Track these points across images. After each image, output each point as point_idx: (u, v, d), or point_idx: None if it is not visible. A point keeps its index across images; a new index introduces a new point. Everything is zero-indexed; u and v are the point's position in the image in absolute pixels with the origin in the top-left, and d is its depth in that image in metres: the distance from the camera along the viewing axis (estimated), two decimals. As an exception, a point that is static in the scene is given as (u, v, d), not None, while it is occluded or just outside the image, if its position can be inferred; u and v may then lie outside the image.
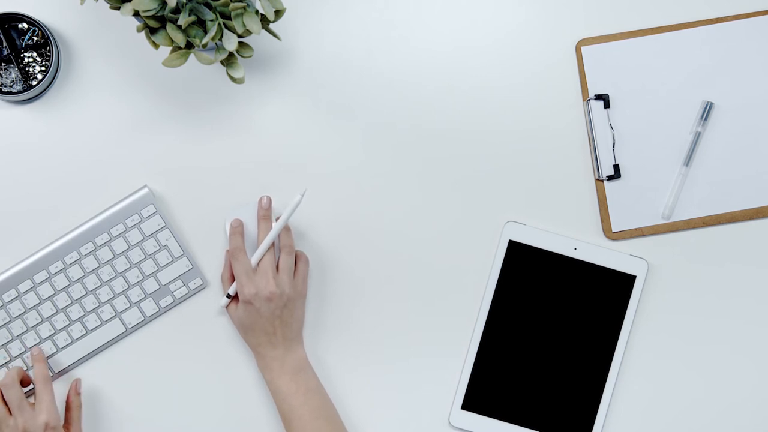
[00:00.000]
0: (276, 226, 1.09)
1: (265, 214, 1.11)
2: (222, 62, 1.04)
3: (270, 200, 1.12)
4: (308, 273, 1.14)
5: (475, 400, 1.15)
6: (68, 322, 1.14)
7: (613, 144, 1.16)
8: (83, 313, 1.14)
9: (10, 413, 1.08)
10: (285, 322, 1.10)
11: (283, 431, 1.14)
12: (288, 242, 1.11)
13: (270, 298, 1.08)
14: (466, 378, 1.15)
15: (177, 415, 1.15)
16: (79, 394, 1.12)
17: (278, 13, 1.04)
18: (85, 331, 1.14)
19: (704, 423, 1.15)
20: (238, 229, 1.11)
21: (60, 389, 1.15)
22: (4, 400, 1.08)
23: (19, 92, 1.13)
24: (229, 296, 1.12)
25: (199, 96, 1.17)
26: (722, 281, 1.16)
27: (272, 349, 1.10)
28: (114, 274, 1.14)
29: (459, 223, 1.16)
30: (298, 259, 1.13)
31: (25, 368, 1.13)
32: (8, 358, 1.13)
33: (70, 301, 1.14)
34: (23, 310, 1.13)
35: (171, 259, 1.15)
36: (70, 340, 1.14)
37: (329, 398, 1.12)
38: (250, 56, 1.04)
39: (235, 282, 1.11)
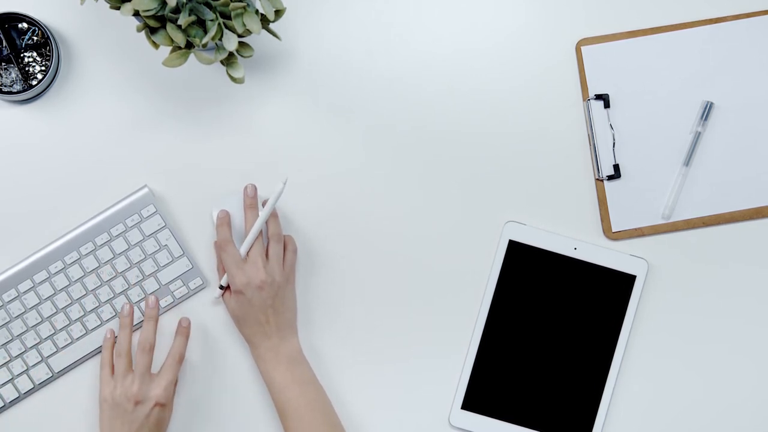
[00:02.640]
0: (262, 216, 1.10)
1: (251, 202, 1.12)
2: (222, 62, 1.04)
3: (255, 188, 1.12)
4: (296, 261, 1.14)
5: (475, 400, 1.15)
6: (68, 322, 1.14)
7: (613, 144, 1.16)
8: (83, 313, 1.14)
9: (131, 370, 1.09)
10: (277, 310, 1.10)
11: (279, 425, 1.14)
12: (276, 230, 1.11)
13: (261, 287, 1.08)
14: (466, 378, 1.15)
15: (176, 413, 1.15)
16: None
17: (278, 13, 1.04)
18: (84, 331, 1.14)
19: (704, 423, 1.15)
20: (224, 220, 1.11)
21: (61, 390, 1.15)
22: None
23: (19, 92, 1.13)
24: (222, 287, 1.12)
25: (199, 96, 1.17)
26: (722, 281, 1.16)
27: (266, 339, 1.10)
28: (114, 274, 1.14)
29: (459, 223, 1.16)
30: (285, 247, 1.13)
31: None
32: (8, 358, 1.13)
33: (70, 301, 1.14)
34: (23, 310, 1.13)
35: (171, 259, 1.15)
36: (70, 340, 1.14)
37: (324, 390, 1.12)
38: (250, 56, 1.05)
39: (226, 273, 1.12)
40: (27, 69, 1.15)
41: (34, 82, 1.15)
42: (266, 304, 1.09)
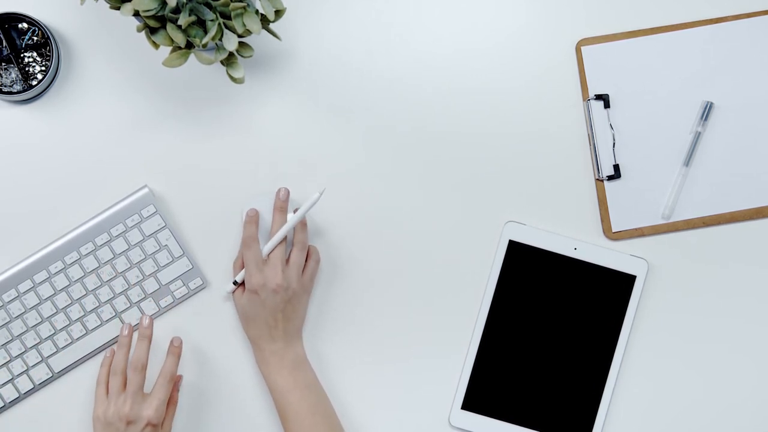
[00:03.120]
0: (291, 220, 1.10)
1: (282, 205, 1.11)
2: (222, 62, 1.04)
3: (288, 192, 1.12)
4: (317, 272, 1.14)
5: (475, 400, 1.15)
6: (68, 322, 1.14)
7: (613, 144, 1.16)
8: (83, 313, 1.14)
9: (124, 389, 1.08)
10: (287, 316, 1.10)
11: (280, 428, 1.14)
12: (302, 238, 1.11)
13: (276, 291, 1.08)
14: (466, 378, 1.15)
15: (177, 414, 1.15)
16: (178, 390, 1.12)
17: (278, 13, 1.04)
18: (85, 331, 1.14)
19: (704, 423, 1.15)
20: (253, 218, 1.11)
21: (61, 390, 1.15)
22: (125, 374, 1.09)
23: (19, 92, 1.13)
24: (236, 283, 1.12)
25: (199, 96, 1.17)
26: (722, 281, 1.16)
27: (272, 343, 1.10)
28: (114, 274, 1.14)
29: (459, 223, 1.16)
30: (309, 256, 1.13)
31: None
32: (8, 358, 1.13)
33: (70, 301, 1.14)
34: (23, 310, 1.13)
35: (171, 259, 1.15)
36: (70, 340, 1.14)
37: (326, 395, 1.12)
38: (250, 56, 1.05)
39: (243, 270, 1.11)
40: (27, 69, 1.15)
41: (34, 82, 1.15)
42: (278, 308, 1.09)
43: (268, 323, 1.10)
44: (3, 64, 1.15)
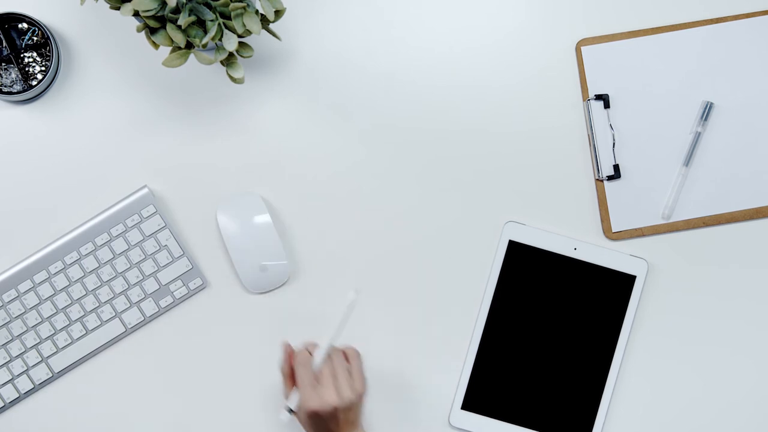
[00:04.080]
0: (330, 334, 1.04)
1: (303, 359, 1.06)
2: (222, 62, 1.04)
3: (291, 347, 1.08)
4: (363, 368, 1.08)
5: (475, 400, 1.15)
6: (68, 322, 1.14)
7: (613, 144, 1.16)
8: (83, 313, 1.14)
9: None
10: (349, 421, 1.06)
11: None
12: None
13: (335, 410, 1.04)
14: (466, 378, 1.15)
15: (176, 415, 1.15)
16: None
17: (278, 13, 1.04)
18: (85, 331, 1.14)
19: (704, 423, 1.15)
20: (293, 354, 1.07)
21: (61, 390, 1.15)
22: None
23: (19, 92, 1.13)
24: (291, 411, 1.06)
25: (199, 96, 1.17)
26: (722, 281, 1.16)
27: None
28: (114, 274, 1.14)
29: (459, 223, 1.16)
30: (348, 355, 1.08)
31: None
32: (8, 358, 1.13)
33: (70, 301, 1.14)
34: (23, 310, 1.13)
35: (171, 259, 1.15)
36: (70, 340, 1.14)
37: None
38: (250, 56, 1.05)
39: (296, 393, 1.06)
40: (27, 69, 1.15)
41: (34, 82, 1.15)
42: (339, 418, 1.04)
43: (330, 430, 1.06)
44: (3, 64, 1.15)
